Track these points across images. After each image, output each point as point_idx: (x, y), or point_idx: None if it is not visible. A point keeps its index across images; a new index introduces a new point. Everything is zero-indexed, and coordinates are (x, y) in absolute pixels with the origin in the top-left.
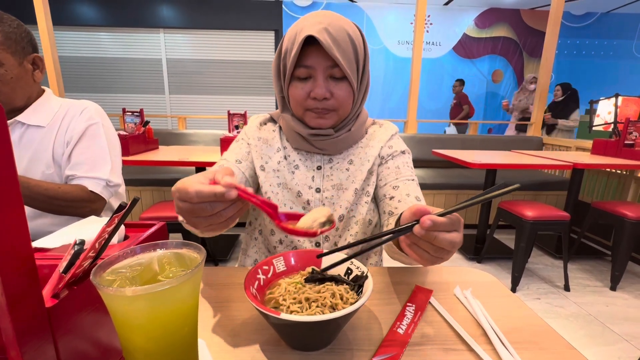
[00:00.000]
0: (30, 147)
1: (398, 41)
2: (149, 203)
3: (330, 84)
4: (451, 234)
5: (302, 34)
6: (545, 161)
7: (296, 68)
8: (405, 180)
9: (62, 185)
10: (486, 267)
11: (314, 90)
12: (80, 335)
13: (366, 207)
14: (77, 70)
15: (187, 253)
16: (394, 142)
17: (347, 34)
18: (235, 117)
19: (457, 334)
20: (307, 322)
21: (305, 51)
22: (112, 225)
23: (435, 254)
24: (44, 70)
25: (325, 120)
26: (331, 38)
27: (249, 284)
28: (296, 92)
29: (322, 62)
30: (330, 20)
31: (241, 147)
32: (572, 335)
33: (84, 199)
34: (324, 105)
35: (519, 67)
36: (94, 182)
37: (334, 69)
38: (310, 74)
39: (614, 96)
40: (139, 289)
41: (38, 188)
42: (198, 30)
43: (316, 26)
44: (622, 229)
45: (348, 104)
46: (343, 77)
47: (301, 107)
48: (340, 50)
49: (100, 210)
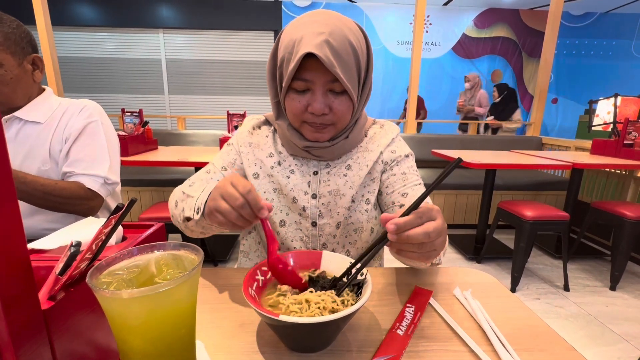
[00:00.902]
0: (26, 142)
1: (397, 41)
2: (149, 203)
3: (329, 99)
4: (423, 225)
5: (300, 46)
6: (545, 161)
7: (293, 80)
8: (412, 186)
9: (59, 181)
10: (486, 267)
11: (312, 105)
12: (77, 337)
13: (366, 215)
14: (76, 71)
15: (184, 254)
16: (396, 145)
17: (349, 44)
18: (234, 117)
19: (456, 335)
20: (306, 323)
21: (304, 64)
22: (109, 226)
23: (421, 251)
24: (43, 70)
25: (323, 134)
26: (332, 52)
27: (247, 285)
28: (293, 104)
29: (321, 77)
30: (332, 28)
31: (229, 154)
32: (572, 335)
33: (80, 196)
34: (321, 120)
35: (518, 67)
36: (92, 179)
37: (334, 83)
38: (309, 87)
39: (613, 96)
40: (135, 292)
41: (35, 184)
42: (197, 31)
43: (316, 39)
44: (622, 229)
45: (347, 118)
46: (343, 91)
47: (298, 119)
48: (341, 64)
49: (97, 208)
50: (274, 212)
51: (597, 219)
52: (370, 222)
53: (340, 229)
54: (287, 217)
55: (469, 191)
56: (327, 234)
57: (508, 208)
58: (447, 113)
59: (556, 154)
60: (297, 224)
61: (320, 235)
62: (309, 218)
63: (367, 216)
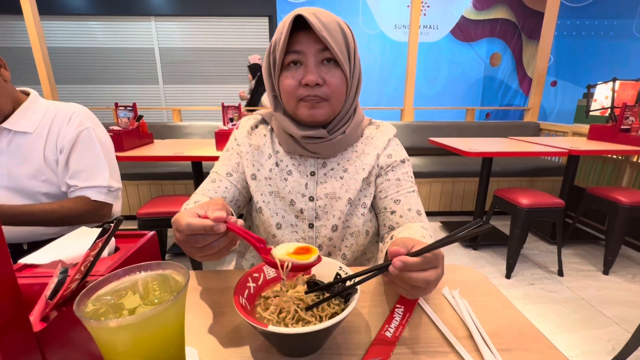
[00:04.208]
0: (18, 152)
1: (395, 25)
2: (147, 197)
3: (322, 70)
4: (426, 272)
5: (290, 17)
6: (541, 148)
7: (286, 55)
8: (406, 192)
9: (64, 202)
10: (482, 254)
11: (306, 76)
12: (71, 355)
13: (362, 219)
14: (68, 62)
15: (171, 275)
16: (392, 149)
17: (336, 23)
18: (229, 109)
19: (443, 336)
20: (293, 334)
21: (295, 37)
22: (96, 249)
23: (411, 291)
24: (7, 67)
25: (318, 110)
26: (320, 22)
27: (238, 293)
28: (287, 81)
29: (312, 45)
30: (320, 11)
31: (231, 158)
32: (564, 319)
33: (88, 210)
34: (316, 92)
35: (518, 49)
36: (96, 191)
37: (325, 52)
38: (301, 60)
39: (612, 80)
40: (123, 320)
41: (44, 213)
42: (190, 18)
43: (305, 10)
44: (616, 215)
45: (341, 94)
46: (335, 63)
47: (293, 97)
48: (330, 34)
49: (108, 216)
50: (270, 215)
51: (592, 205)
52: (366, 226)
53: (337, 231)
54: (283, 219)
55: (466, 178)
56: (324, 236)
57: (504, 196)
58: (445, 99)
59: (553, 140)
60: (294, 226)
61: (317, 238)
62: (306, 220)
63: (363, 220)
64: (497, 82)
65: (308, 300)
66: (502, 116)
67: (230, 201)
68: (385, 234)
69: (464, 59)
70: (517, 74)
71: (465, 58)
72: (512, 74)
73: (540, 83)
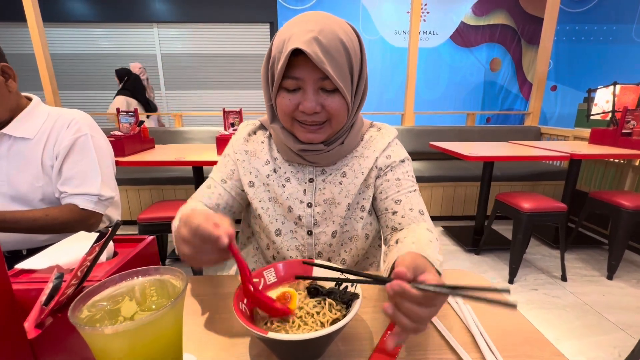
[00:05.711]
0: (18, 158)
1: (395, 31)
2: (148, 202)
3: (321, 97)
4: (422, 309)
5: (289, 43)
6: (543, 152)
7: (284, 79)
8: (406, 192)
9: (49, 210)
10: (484, 259)
11: (303, 103)
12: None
13: (362, 223)
14: (70, 68)
15: (169, 280)
16: (391, 150)
17: (340, 42)
18: (230, 114)
19: (446, 342)
20: (293, 340)
21: (294, 62)
22: (92, 254)
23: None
24: (16, 78)
25: (317, 135)
26: (322, 49)
27: (238, 300)
28: (284, 102)
29: (311, 74)
30: (322, 26)
31: (227, 165)
32: (569, 325)
33: (75, 219)
34: (313, 119)
35: (517, 55)
36: (85, 199)
37: (325, 81)
38: (300, 86)
39: (612, 84)
40: (118, 327)
41: (27, 221)
42: (192, 24)
43: (305, 35)
44: (619, 219)
45: (342, 116)
46: (335, 89)
47: (289, 118)
48: (331, 62)
49: (97, 225)
50: (269, 221)
51: (594, 209)
52: (365, 229)
53: (336, 237)
54: (282, 226)
55: (467, 183)
56: (323, 242)
57: (505, 200)
58: (446, 104)
59: (555, 144)
60: (293, 232)
61: (316, 244)
62: (305, 227)
63: (362, 223)
64: (497, 87)
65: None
66: (503, 121)
67: (224, 208)
68: (389, 236)
69: (464, 64)
70: (517, 78)
71: (465, 63)
72: (512, 78)
73: (540, 87)
